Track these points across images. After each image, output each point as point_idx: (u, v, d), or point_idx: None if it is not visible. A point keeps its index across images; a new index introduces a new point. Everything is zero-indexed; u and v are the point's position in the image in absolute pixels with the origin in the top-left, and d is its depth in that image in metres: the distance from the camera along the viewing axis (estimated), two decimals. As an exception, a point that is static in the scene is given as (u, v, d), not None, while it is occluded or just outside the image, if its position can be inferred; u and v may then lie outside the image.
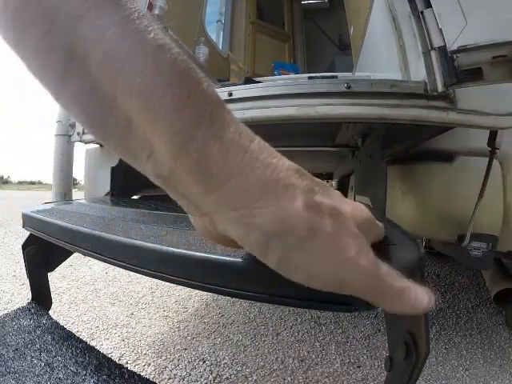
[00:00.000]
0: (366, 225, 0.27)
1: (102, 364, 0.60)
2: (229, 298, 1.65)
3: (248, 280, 0.40)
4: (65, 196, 1.14)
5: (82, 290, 1.82)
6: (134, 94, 0.20)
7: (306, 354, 1.19)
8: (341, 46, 3.88)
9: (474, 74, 0.57)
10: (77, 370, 0.57)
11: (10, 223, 4.13)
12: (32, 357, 0.59)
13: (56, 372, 0.56)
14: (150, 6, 1.43)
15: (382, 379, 1.04)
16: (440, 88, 0.60)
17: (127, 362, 1.10)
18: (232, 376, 1.04)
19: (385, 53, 0.91)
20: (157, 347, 1.20)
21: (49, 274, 0.92)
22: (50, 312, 0.86)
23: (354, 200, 1.31)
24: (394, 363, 0.43)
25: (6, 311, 0.78)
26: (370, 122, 0.80)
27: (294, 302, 0.37)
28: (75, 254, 0.86)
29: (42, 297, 0.88)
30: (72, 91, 0.23)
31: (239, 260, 0.41)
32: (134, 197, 1.29)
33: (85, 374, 0.56)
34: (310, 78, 1.58)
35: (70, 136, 1.13)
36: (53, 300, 0.95)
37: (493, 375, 1.09)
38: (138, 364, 1.09)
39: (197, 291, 1.76)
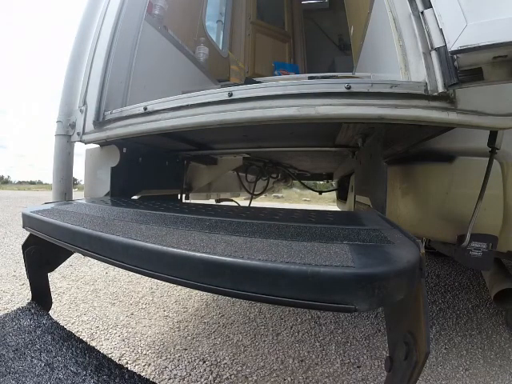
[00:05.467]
0: None
1: (102, 364, 0.60)
2: (229, 297, 1.65)
3: (248, 280, 0.40)
4: (65, 196, 1.14)
5: (82, 289, 1.81)
6: None
7: (306, 354, 1.19)
8: (341, 45, 3.88)
9: (475, 75, 0.57)
10: (77, 370, 0.57)
11: (10, 223, 4.13)
12: (32, 357, 0.59)
13: (56, 372, 0.56)
14: (150, 6, 1.43)
15: (382, 379, 1.04)
16: (440, 88, 0.60)
17: (127, 362, 1.09)
18: (232, 376, 1.04)
19: (385, 53, 0.90)
20: (157, 347, 1.20)
21: (49, 274, 0.92)
22: (50, 312, 0.86)
23: (354, 200, 1.31)
24: (394, 363, 0.43)
25: (6, 311, 0.78)
26: (370, 123, 0.80)
27: (294, 302, 0.37)
28: (75, 254, 0.86)
29: (41, 297, 0.89)
30: None
31: (239, 260, 0.41)
32: (134, 197, 1.29)
33: (85, 375, 0.56)
34: (310, 77, 1.58)
35: (70, 136, 1.13)
36: (53, 300, 0.95)
37: (493, 375, 1.09)
38: (138, 364, 1.09)
39: (197, 291, 1.76)
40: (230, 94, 0.78)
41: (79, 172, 1.41)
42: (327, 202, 9.57)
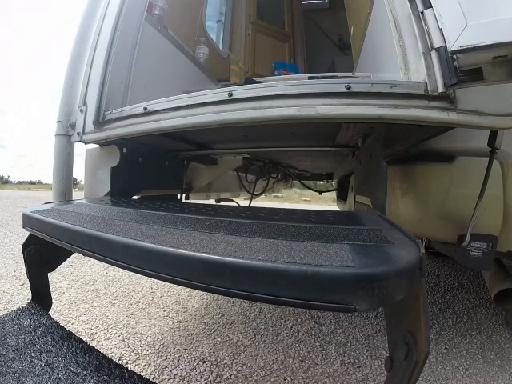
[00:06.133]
0: None
1: (102, 364, 0.60)
2: (229, 297, 1.65)
3: (248, 280, 0.40)
4: (65, 196, 1.14)
5: (82, 289, 1.81)
6: None
7: (306, 354, 1.19)
8: (341, 45, 3.88)
9: (475, 75, 0.57)
10: (77, 370, 0.57)
11: (10, 223, 4.13)
12: (32, 357, 0.59)
13: (56, 372, 0.56)
14: (150, 6, 1.42)
15: (382, 379, 1.04)
16: (440, 88, 0.60)
17: (127, 362, 1.09)
18: (232, 376, 1.04)
19: (385, 53, 0.90)
20: (157, 347, 1.20)
21: (49, 273, 0.92)
22: (50, 312, 0.86)
23: (354, 200, 1.31)
24: (394, 363, 0.43)
25: (6, 311, 0.78)
26: (370, 123, 0.80)
27: (294, 302, 0.37)
28: (75, 254, 0.86)
29: (41, 297, 0.89)
30: None
31: (239, 260, 0.41)
32: (134, 197, 1.29)
33: (85, 375, 0.56)
34: (310, 77, 1.58)
35: (70, 136, 1.13)
36: (53, 300, 0.95)
37: (493, 375, 1.09)
38: (138, 364, 1.09)
39: (197, 291, 1.76)
40: (230, 94, 0.78)
41: (79, 172, 1.41)
42: (327, 202, 9.57)
